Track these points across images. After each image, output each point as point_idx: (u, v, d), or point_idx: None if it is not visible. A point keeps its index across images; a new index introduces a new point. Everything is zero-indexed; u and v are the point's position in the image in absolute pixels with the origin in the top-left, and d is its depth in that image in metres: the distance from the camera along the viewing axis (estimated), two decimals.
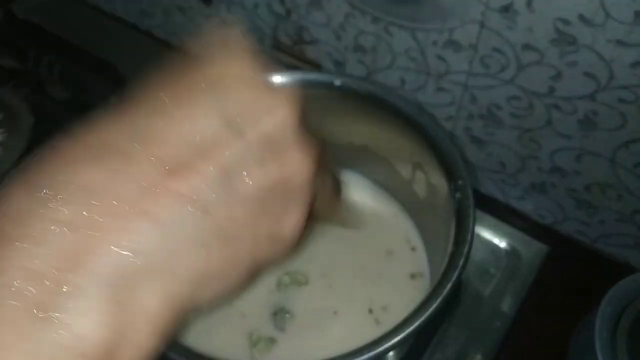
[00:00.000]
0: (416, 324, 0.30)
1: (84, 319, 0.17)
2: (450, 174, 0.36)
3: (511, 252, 0.46)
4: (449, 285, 0.31)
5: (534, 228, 0.58)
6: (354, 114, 0.43)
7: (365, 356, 0.30)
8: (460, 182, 0.35)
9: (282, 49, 0.64)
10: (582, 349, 0.43)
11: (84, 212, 0.17)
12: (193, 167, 0.19)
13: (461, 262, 0.32)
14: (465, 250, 0.32)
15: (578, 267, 0.56)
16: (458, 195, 0.35)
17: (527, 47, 0.45)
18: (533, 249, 0.46)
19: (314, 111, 0.46)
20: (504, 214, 0.57)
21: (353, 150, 0.48)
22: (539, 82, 0.47)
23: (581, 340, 0.44)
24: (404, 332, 0.29)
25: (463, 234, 0.33)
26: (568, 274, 0.55)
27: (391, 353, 0.37)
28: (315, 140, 0.24)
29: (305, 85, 0.42)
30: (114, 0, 0.73)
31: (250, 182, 0.20)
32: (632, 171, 0.48)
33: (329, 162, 0.28)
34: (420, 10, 0.47)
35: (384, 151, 0.46)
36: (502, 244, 0.47)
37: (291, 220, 0.23)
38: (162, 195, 0.18)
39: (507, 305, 0.43)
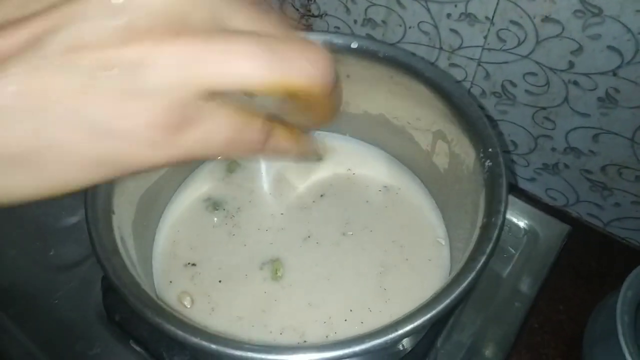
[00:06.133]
0: (452, 297, 0.27)
1: None
2: (478, 141, 0.34)
3: (530, 231, 0.45)
4: (483, 259, 0.29)
5: (544, 210, 0.56)
6: (370, 79, 0.40)
7: (392, 335, 0.27)
8: (490, 149, 0.33)
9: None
10: (602, 334, 0.41)
11: None
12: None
13: (495, 234, 0.30)
14: (500, 221, 0.30)
15: (589, 251, 0.54)
16: (488, 163, 0.33)
17: (547, 19, 0.43)
18: (554, 229, 0.44)
19: None
20: (513, 195, 0.55)
21: (368, 120, 0.46)
22: (558, 57, 0.45)
23: (599, 326, 0.42)
24: (439, 306, 0.27)
25: (496, 205, 0.31)
26: (579, 258, 0.54)
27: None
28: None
29: None
30: None
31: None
32: None
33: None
34: None
35: (401, 120, 0.44)
36: (520, 223, 0.46)
37: (138, 110, 0.17)
38: None
39: (526, 285, 0.41)
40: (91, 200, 0.32)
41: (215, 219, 0.46)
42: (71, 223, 0.48)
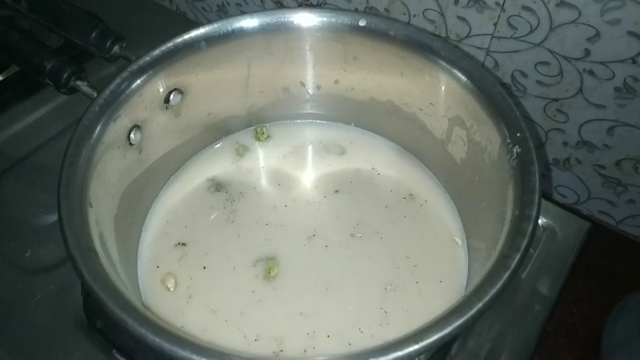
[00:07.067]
0: (485, 300, 0.24)
1: None
2: (504, 126, 0.31)
3: (548, 229, 0.42)
4: (517, 256, 0.26)
5: None
6: (379, 61, 0.37)
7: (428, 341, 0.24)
8: (518, 134, 0.30)
9: None
10: (623, 337, 0.39)
11: None
12: None
13: (530, 228, 0.27)
14: (534, 213, 0.27)
15: (601, 250, 0.52)
16: (517, 149, 0.30)
17: (562, 4, 0.41)
18: (573, 226, 0.42)
19: (330, 60, 0.41)
20: None
21: (375, 108, 0.43)
22: (573, 45, 0.43)
23: (619, 329, 0.40)
24: (470, 311, 0.24)
25: (528, 195, 0.28)
26: (590, 257, 0.51)
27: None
28: None
29: (324, 27, 0.36)
30: None
31: None
32: None
33: None
34: None
35: (412, 106, 0.40)
36: (539, 220, 0.42)
37: None
38: None
39: (545, 287, 0.38)
40: (65, 190, 0.28)
41: (215, 200, 0.43)
42: (50, 221, 0.44)
